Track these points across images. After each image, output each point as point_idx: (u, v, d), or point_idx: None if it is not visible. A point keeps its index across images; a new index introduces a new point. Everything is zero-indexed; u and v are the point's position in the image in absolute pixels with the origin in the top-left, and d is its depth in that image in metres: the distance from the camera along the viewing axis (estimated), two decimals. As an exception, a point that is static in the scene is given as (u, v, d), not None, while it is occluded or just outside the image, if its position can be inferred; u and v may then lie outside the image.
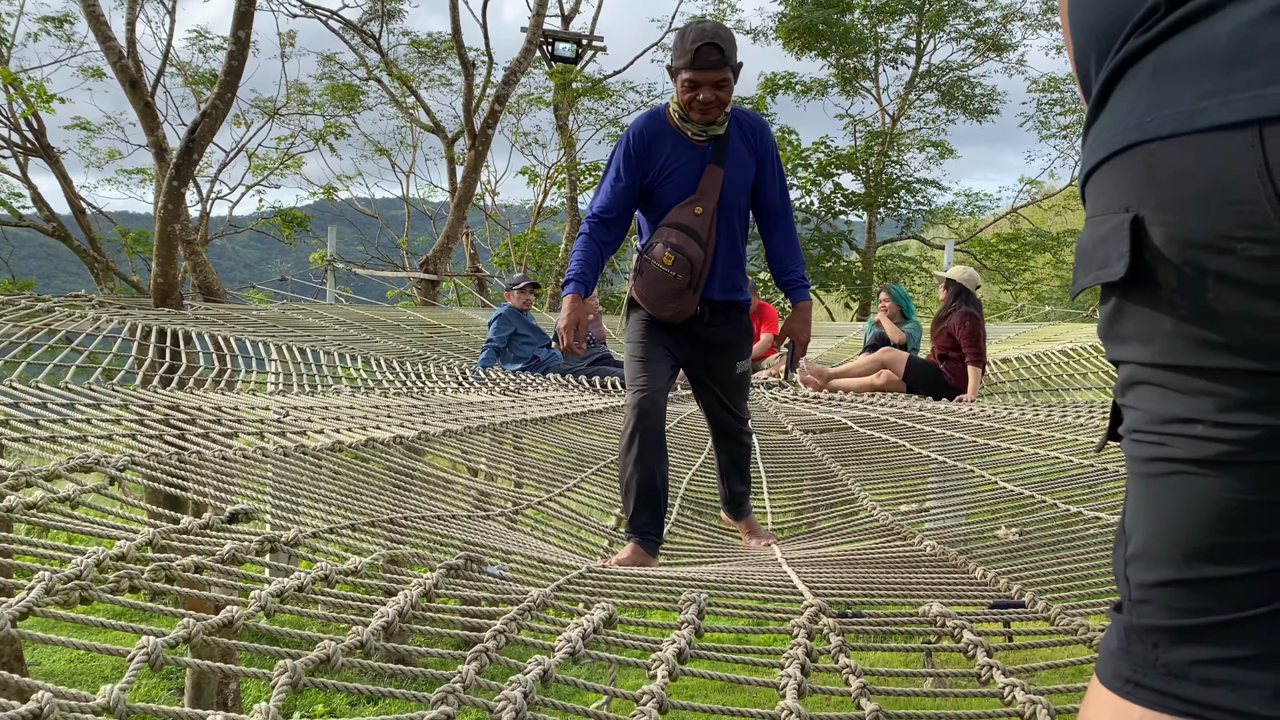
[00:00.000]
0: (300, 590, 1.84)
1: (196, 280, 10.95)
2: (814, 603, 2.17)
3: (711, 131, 3.12)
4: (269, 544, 2.31)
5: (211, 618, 1.52)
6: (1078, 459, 4.57)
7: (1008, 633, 2.21)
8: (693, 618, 2.05)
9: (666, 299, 3.14)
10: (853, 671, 1.71)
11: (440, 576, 2.25)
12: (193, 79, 20.39)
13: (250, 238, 27.50)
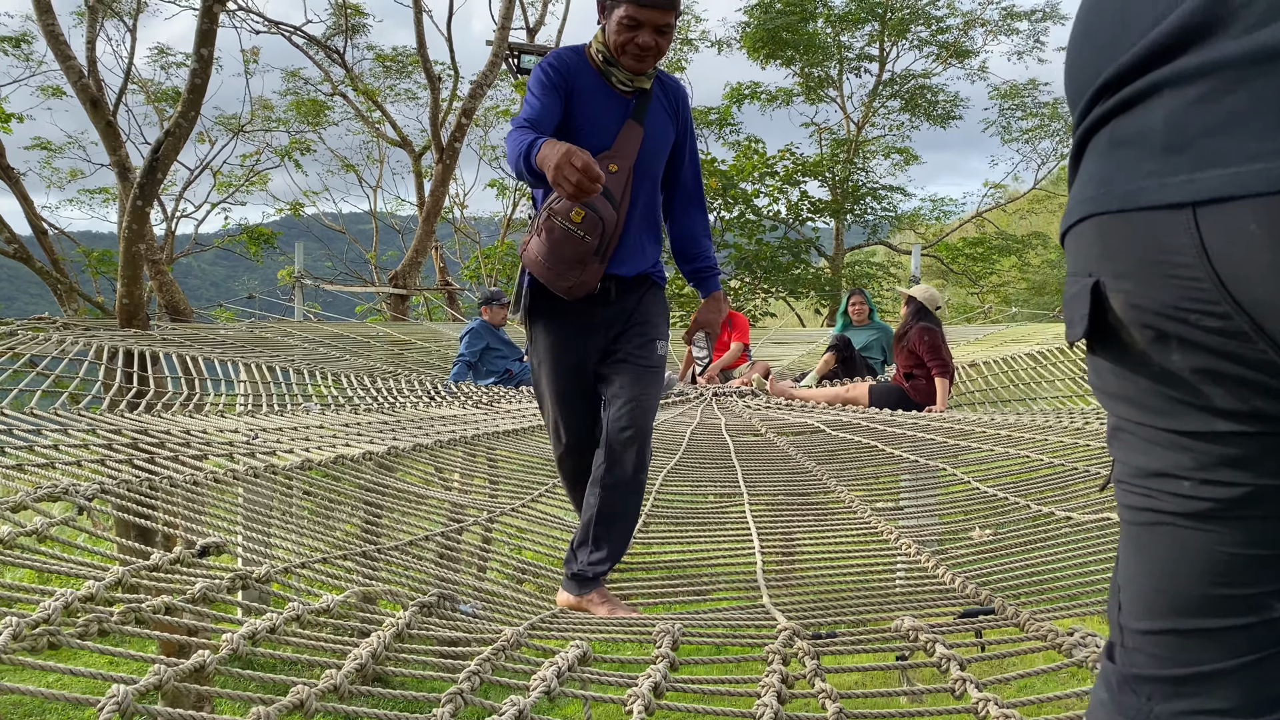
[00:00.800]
0: (273, 631, 1.83)
1: (163, 300, 10.84)
2: (788, 626, 2.18)
3: (638, 83, 2.69)
4: (241, 581, 2.29)
5: (183, 663, 1.51)
6: (1048, 458, 4.62)
7: (980, 643, 2.23)
8: (667, 651, 2.06)
9: (569, 265, 2.60)
10: (829, 696, 1.73)
11: (413, 615, 2.24)
12: (155, 96, 20.21)
13: (216, 255, 27.28)
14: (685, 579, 3.35)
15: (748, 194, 21.45)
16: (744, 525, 3.75)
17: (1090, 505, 3.64)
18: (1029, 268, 24.45)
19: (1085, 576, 2.76)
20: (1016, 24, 22.59)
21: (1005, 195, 25.82)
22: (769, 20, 21.61)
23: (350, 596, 2.26)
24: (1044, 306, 22.08)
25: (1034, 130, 23.28)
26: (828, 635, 2.22)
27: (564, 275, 2.62)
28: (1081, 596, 2.65)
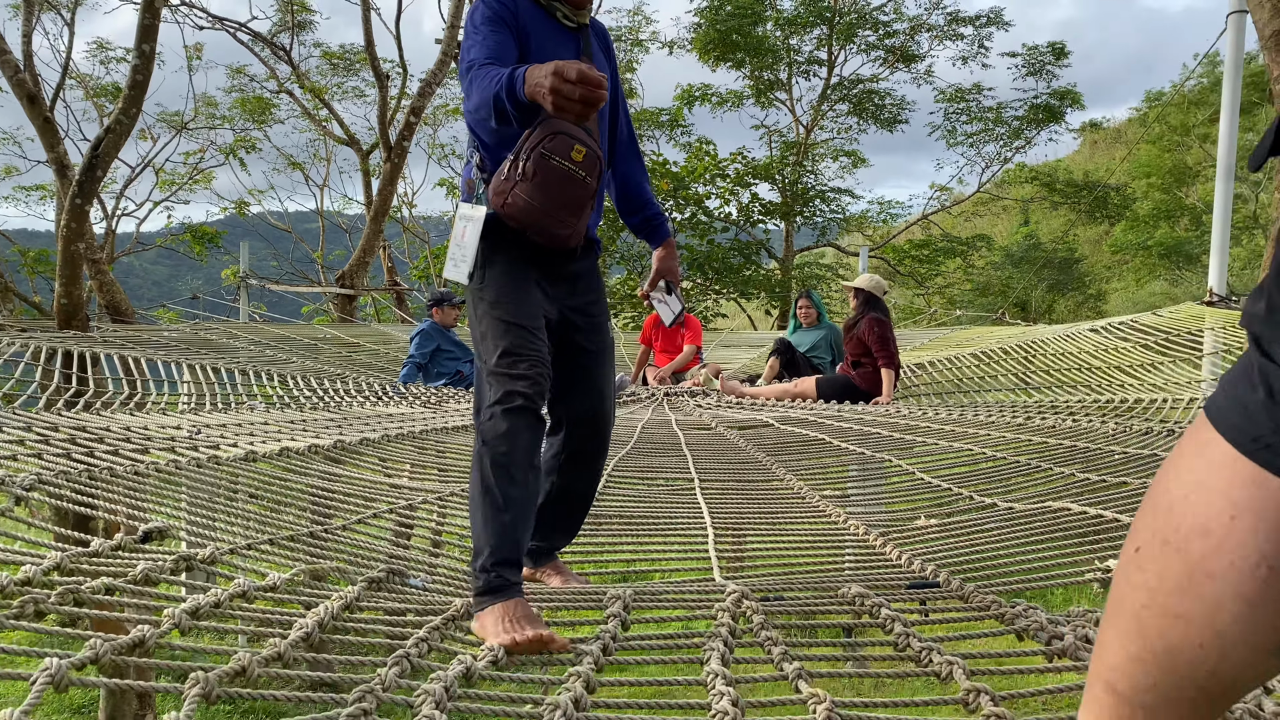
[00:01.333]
0: (217, 607, 1.81)
1: (103, 300, 10.61)
2: (736, 589, 2.21)
3: (580, 19, 2.50)
4: (184, 562, 2.26)
5: (121, 638, 1.49)
6: (990, 452, 4.72)
7: (924, 610, 2.28)
8: (619, 611, 2.08)
9: (569, 211, 2.32)
10: (774, 643, 1.75)
11: (362, 589, 2.24)
12: (94, 91, 19.78)
13: (159, 254, 26.75)
14: (639, 555, 3.36)
15: (699, 196, 21.55)
16: (696, 507, 3.78)
17: (1031, 497, 3.72)
18: (973, 269, 24.84)
19: (1027, 561, 2.82)
20: (961, 29, 22.96)
21: (950, 198, 26.21)
22: (719, 22, 21.74)
23: (298, 574, 2.24)
24: (988, 307, 22.45)
25: (978, 134, 23.66)
26: (775, 598, 2.26)
27: (564, 222, 2.33)
28: (1024, 574, 2.72)
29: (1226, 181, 7.57)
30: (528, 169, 2.27)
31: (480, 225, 2.35)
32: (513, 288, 2.39)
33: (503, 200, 2.31)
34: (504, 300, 2.37)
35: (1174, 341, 7.56)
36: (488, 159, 2.41)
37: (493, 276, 2.40)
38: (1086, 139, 34.49)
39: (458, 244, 2.39)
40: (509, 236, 2.36)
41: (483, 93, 2.11)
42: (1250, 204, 21.62)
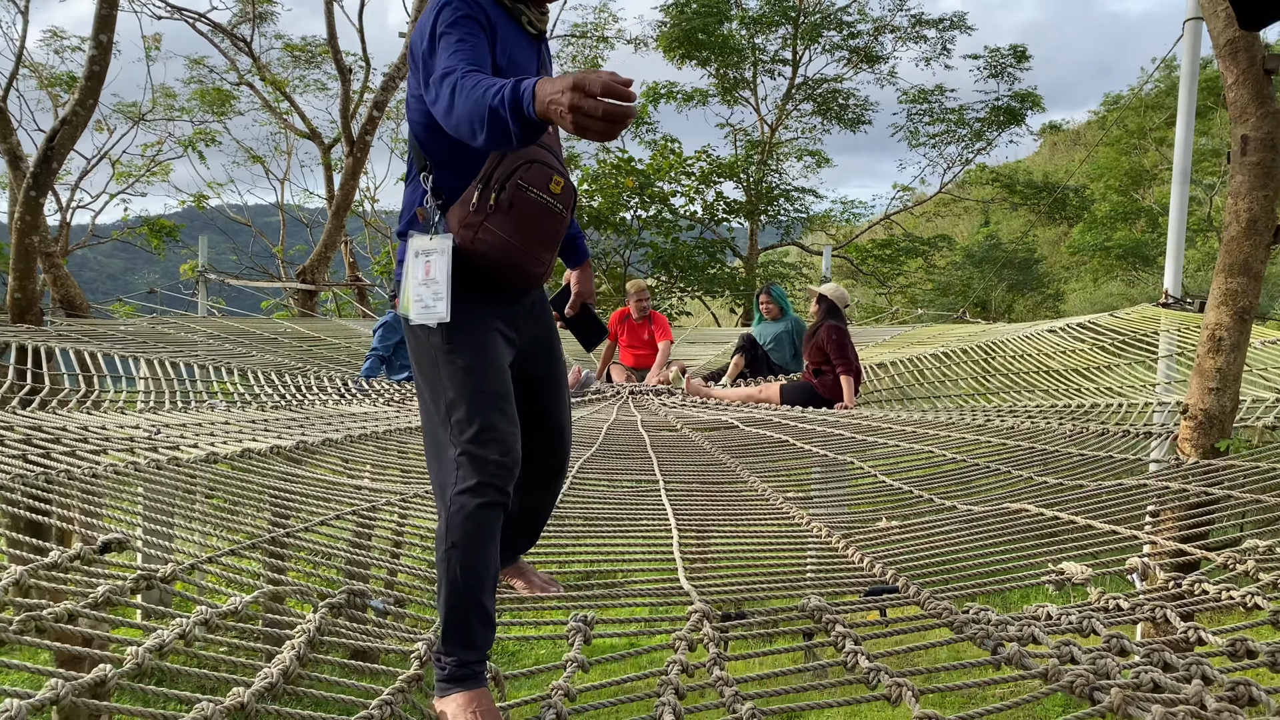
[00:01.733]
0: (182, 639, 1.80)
1: (57, 294, 10.41)
2: (699, 608, 2.23)
3: (541, 25, 2.26)
4: (145, 581, 2.23)
5: (83, 676, 1.47)
6: (951, 454, 4.78)
7: (884, 621, 2.31)
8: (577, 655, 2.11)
9: (544, 247, 2.15)
10: (726, 683, 1.79)
11: (323, 618, 2.22)
12: (48, 81, 19.40)
13: (114, 247, 26.34)
14: (603, 556, 3.37)
15: (664, 193, 21.57)
16: (660, 508, 3.79)
17: (990, 499, 3.78)
18: (934, 269, 25.11)
19: (985, 564, 2.87)
20: (925, 31, 23.17)
21: (913, 198, 26.46)
22: (685, 20, 21.76)
23: (259, 596, 2.22)
24: (948, 307, 22.70)
25: (940, 135, 23.90)
26: (737, 616, 2.28)
27: (539, 259, 2.15)
28: (981, 577, 2.76)
29: (1182, 185, 7.71)
30: (502, 201, 2.07)
31: (449, 257, 2.06)
32: (485, 349, 2.14)
33: (472, 235, 2.08)
34: (477, 367, 2.11)
35: (1130, 343, 7.69)
36: (443, 184, 2.13)
37: (462, 334, 2.11)
38: (1046, 141, 34.95)
39: (422, 282, 2.07)
40: (468, 275, 2.10)
41: (472, 105, 1.79)
42: (1205, 206, 22.03)
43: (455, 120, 1.85)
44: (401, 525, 3.77)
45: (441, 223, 2.11)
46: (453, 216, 2.10)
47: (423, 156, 2.14)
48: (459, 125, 1.84)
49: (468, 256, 2.09)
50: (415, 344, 2.17)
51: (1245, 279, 4.17)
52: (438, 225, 2.11)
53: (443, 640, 1.98)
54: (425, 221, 2.13)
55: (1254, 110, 4.08)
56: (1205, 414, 4.20)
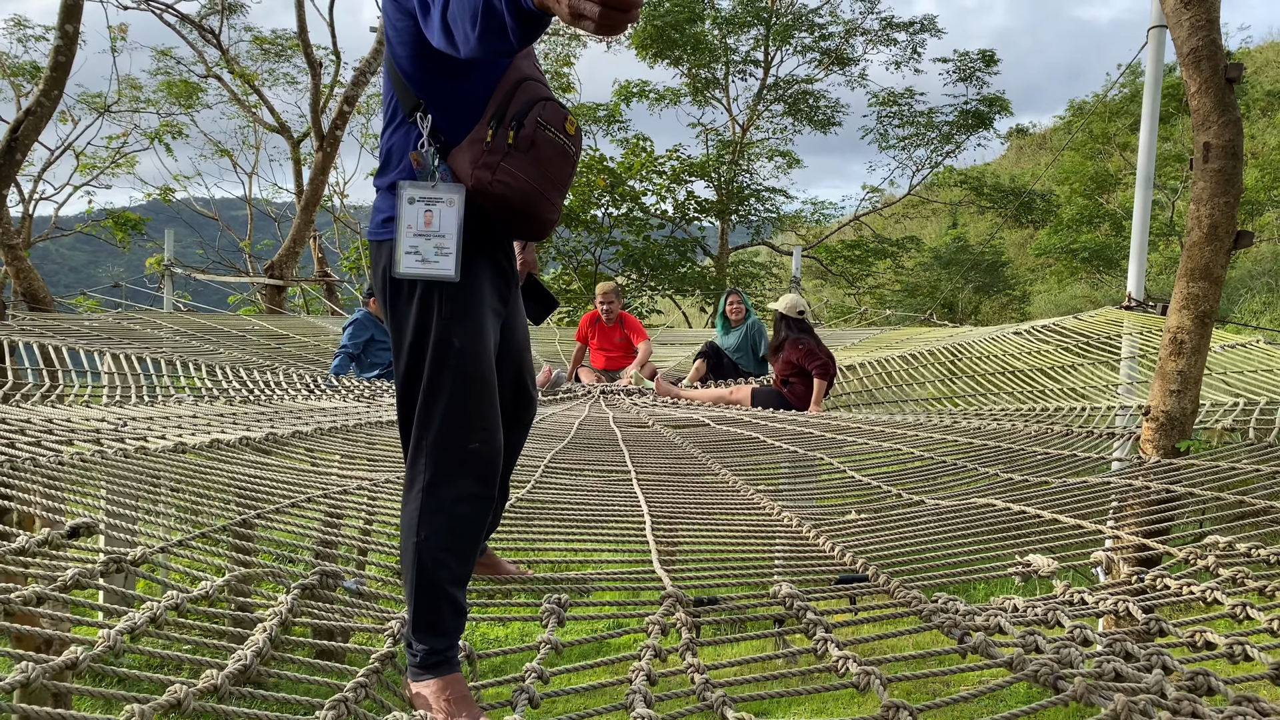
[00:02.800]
0: (154, 622, 1.80)
1: (19, 287, 10.26)
2: (671, 593, 2.25)
3: None
4: (115, 564, 2.22)
5: (54, 659, 1.47)
6: (919, 452, 4.83)
7: (854, 609, 2.35)
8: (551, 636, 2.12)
9: (559, 193, 1.98)
10: (697, 670, 1.81)
11: (295, 600, 2.22)
12: (10, 70, 19.09)
13: (77, 240, 25.97)
14: (576, 543, 3.38)
15: (636, 192, 21.59)
16: (633, 496, 3.82)
17: (957, 495, 3.83)
18: (903, 270, 25.33)
19: (952, 556, 2.92)
20: (895, 34, 23.37)
21: (882, 200, 26.68)
22: (657, 19, 21.79)
23: (231, 580, 2.22)
24: (916, 307, 22.89)
25: (909, 138, 24.10)
26: (709, 601, 2.31)
27: (554, 205, 1.97)
28: (949, 568, 2.81)
29: (1145, 189, 7.85)
30: (521, 139, 1.89)
31: (459, 207, 1.87)
32: (482, 328, 1.94)
33: (490, 175, 1.88)
34: (470, 348, 1.90)
35: (1093, 345, 7.81)
36: (439, 126, 1.92)
37: (460, 305, 1.91)
38: (1013, 144, 35.33)
39: (420, 232, 1.86)
40: (471, 227, 1.91)
41: (468, 2, 1.59)
42: (1168, 211, 22.38)
43: (447, 25, 1.67)
44: (372, 509, 3.77)
45: (442, 168, 1.91)
46: (460, 158, 1.91)
47: (413, 95, 1.92)
48: (451, 29, 1.65)
49: (480, 201, 1.90)
50: (399, 309, 1.92)
51: (1206, 284, 4.26)
52: (438, 171, 1.91)
53: (413, 629, 1.90)
54: (422, 168, 1.91)
55: (1216, 118, 4.16)
56: (1167, 415, 4.28)
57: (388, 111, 1.99)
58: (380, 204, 1.98)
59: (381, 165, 1.99)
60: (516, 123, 1.89)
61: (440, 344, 1.88)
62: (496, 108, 1.90)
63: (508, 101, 1.91)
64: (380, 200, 1.99)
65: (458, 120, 1.92)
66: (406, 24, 1.86)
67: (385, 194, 1.97)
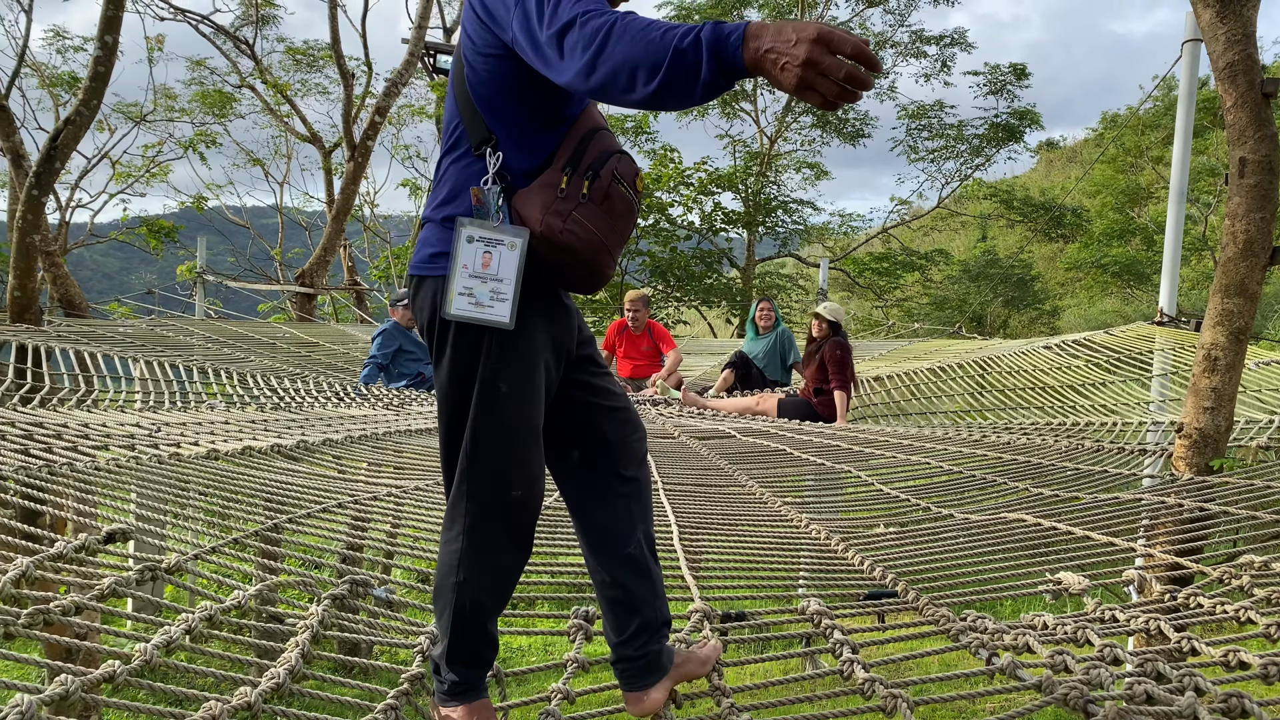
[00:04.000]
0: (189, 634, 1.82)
1: (56, 293, 10.42)
2: (700, 608, 2.25)
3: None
4: (150, 572, 2.25)
5: (92, 672, 1.49)
6: (947, 466, 4.80)
7: (882, 627, 2.34)
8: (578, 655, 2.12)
9: (620, 245, 1.90)
10: (723, 693, 1.81)
11: (326, 611, 2.24)
12: (50, 81, 19.42)
13: (111, 246, 26.33)
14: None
15: (663, 203, 21.63)
16: (660, 506, 3.82)
17: (986, 509, 3.81)
18: (931, 283, 25.19)
19: (981, 571, 2.90)
20: (926, 48, 23.30)
21: (910, 212, 26.57)
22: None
23: (262, 590, 2.24)
24: (944, 321, 22.75)
25: (939, 150, 24.00)
26: (737, 617, 2.30)
27: (614, 259, 1.90)
28: (978, 585, 2.79)
29: (1178, 203, 7.77)
30: (595, 191, 1.81)
31: (522, 251, 1.77)
32: (532, 375, 1.84)
33: (561, 224, 1.77)
34: (519, 396, 1.82)
35: (1124, 361, 7.73)
36: (510, 162, 1.82)
37: (513, 351, 1.81)
38: (1043, 158, 35.09)
39: (476, 274, 1.75)
40: (529, 275, 1.80)
41: (644, 48, 1.50)
42: (1200, 225, 22.14)
43: (607, 68, 1.54)
44: (399, 515, 3.80)
45: (504, 209, 1.80)
46: (529, 202, 1.79)
47: (485, 128, 1.80)
48: (612, 73, 1.54)
49: (545, 249, 1.79)
50: (447, 350, 1.81)
51: (1241, 300, 4.21)
52: (501, 211, 1.80)
53: (446, 659, 1.86)
54: (482, 206, 1.79)
55: (1252, 133, 4.12)
56: (1200, 433, 4.23)
57: (449, 137, 1.86)
58: (431, 237, 1.85)
59: (437, 196, 1.86)
60: (592, 173, 1.81)
61: (486, 388, 1.79)
62: (571, 154, 1.81)
63: (582, 149, 1.82)
64: (431, 233, 1.86)
65: (527, 161, 1.82)
66: (494, 50, 1.75)
67: (438, 227, 1.85)
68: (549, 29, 1.61)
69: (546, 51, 1.62)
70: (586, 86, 1.58)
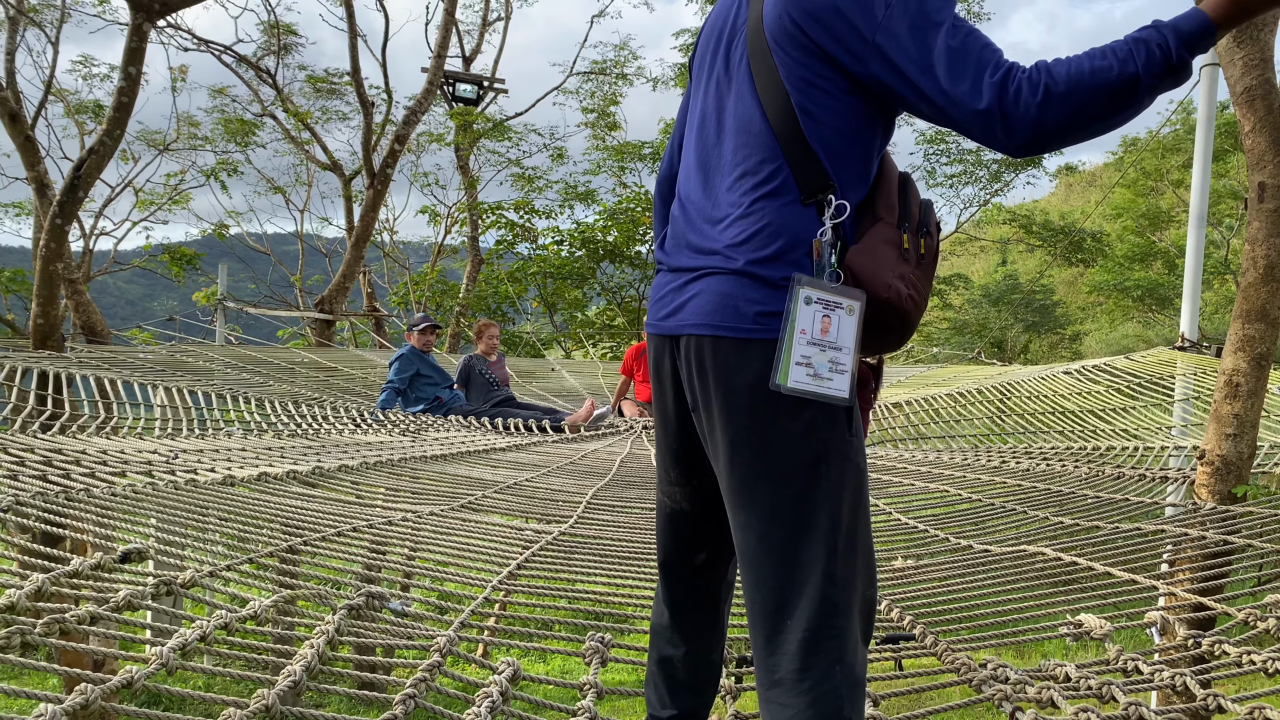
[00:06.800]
0: (204, 640, 1.81)
1: (78, 320, 10.53)
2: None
3: None
4: (165, 587, 2.25)
5: (110, 679, 1.49)
6: (966, 494, 4.76)
7: (902, 675, 2.30)
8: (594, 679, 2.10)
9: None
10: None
11: (342, 619, 2.24)
12: (75, 108, 19.73)
13: (134, 273, 26.60)
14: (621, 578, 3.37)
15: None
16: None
17: (1006, 539, 3.76)
18: (950, 308, 25.12)
19: (1001, 611, 2.85)
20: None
21: (928, 237, 26.51)
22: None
23: (279, 600, 2.24)
24: (964, 345, 22.67)
25: (958, 176, 24.00)
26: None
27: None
28: (998, 626, 2.75)
29: (1199, 227, 7.73)
30: (930, 250, 1.59)
31: (860, 318, 1.52)
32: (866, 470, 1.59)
33: (905, 290, 1.54)
34: (867, 476, 1.57)
35: (1146, 386, 7.67)
36: (851, 212, 1.55)
37: (857, 424, 1.56)
38: (1062, 182, 35.04)
39: (814, 341, 1.50)
40: None
41: (1100, 88, 1.36)
42: (1221, 249, 22.00)
43: (1069, 118, 1.39)
44: (416, 539, 3.79)
45: (834, 263, 1.53)
46: (868, 261, 1.53)
47: (823, 173, 1.53)
48: (1062, 121, 1.39)
49: (883, 314, 1.55)
50: (783, 425, 1.50)
51: (1263, 325, 4.17)
52: (829, 266, 1.53)
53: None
54: (818, 262, 1.52)
55: (1271, 157, 4.10)
56: (1222, 459, 4.18)
57: (754, 171, 1.56)
58: (752, 292, 1.53)
59: (750, 243, 1.54)
60: (925, 230, 1.59)
61: (849, 467, 1.52)
62: (897, 205, 1.57)
63: (906, 199, 1.59)
64: (752, 287, 1.53)
65: (854, 213, 1.56)
66: (840, 88, 1.52)
67: (749, 281, 1.53)
68: (984, 78, 1.40)
69: (960, 86, 1.41)
70: (1038, 149, 1.43)
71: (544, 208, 22.50)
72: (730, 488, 1.53)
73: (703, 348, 1.54)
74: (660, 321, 1.63)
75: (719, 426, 1.53)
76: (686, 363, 1.57)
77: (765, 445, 1.50)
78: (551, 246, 22.39)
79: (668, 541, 1.77)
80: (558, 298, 22.35)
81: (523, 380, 12.03)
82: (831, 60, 1.50)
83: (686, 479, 1.70)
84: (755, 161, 1.56)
